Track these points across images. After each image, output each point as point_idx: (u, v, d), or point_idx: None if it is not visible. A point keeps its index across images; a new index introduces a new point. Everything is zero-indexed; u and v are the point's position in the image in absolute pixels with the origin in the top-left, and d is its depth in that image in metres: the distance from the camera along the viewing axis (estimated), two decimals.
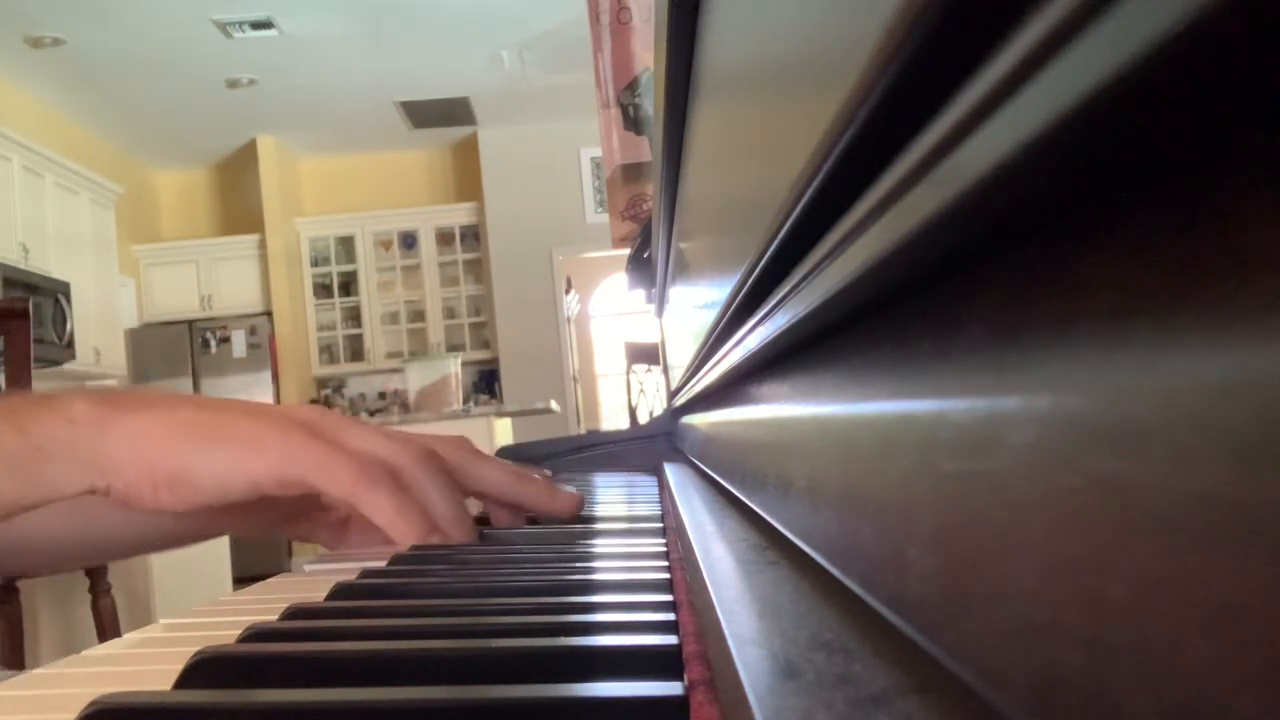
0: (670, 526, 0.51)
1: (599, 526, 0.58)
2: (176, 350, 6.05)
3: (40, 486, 0.46)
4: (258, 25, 4.70)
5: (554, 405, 4.28)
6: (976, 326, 0.15)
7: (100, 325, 5.24)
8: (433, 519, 0.48)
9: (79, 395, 0.47)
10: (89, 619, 2.12)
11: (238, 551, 3.18)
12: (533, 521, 0.60)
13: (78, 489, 0.46)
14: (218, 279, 6.29)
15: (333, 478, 0.46)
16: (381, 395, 6.62)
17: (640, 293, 1.70)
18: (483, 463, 0.58)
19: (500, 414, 4.05)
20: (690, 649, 0.24)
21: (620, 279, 5.63)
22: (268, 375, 6.13)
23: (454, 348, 6.34)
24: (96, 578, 2.09)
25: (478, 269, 6.63)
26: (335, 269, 6.65)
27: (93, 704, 0.22)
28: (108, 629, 2.09)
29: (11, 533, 0.59)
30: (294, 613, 0.32)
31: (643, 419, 4.00)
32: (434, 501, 0.49)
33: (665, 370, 1.54)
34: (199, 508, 0.48)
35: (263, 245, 6.28)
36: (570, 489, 0.59)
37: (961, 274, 0.16)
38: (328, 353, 6.69)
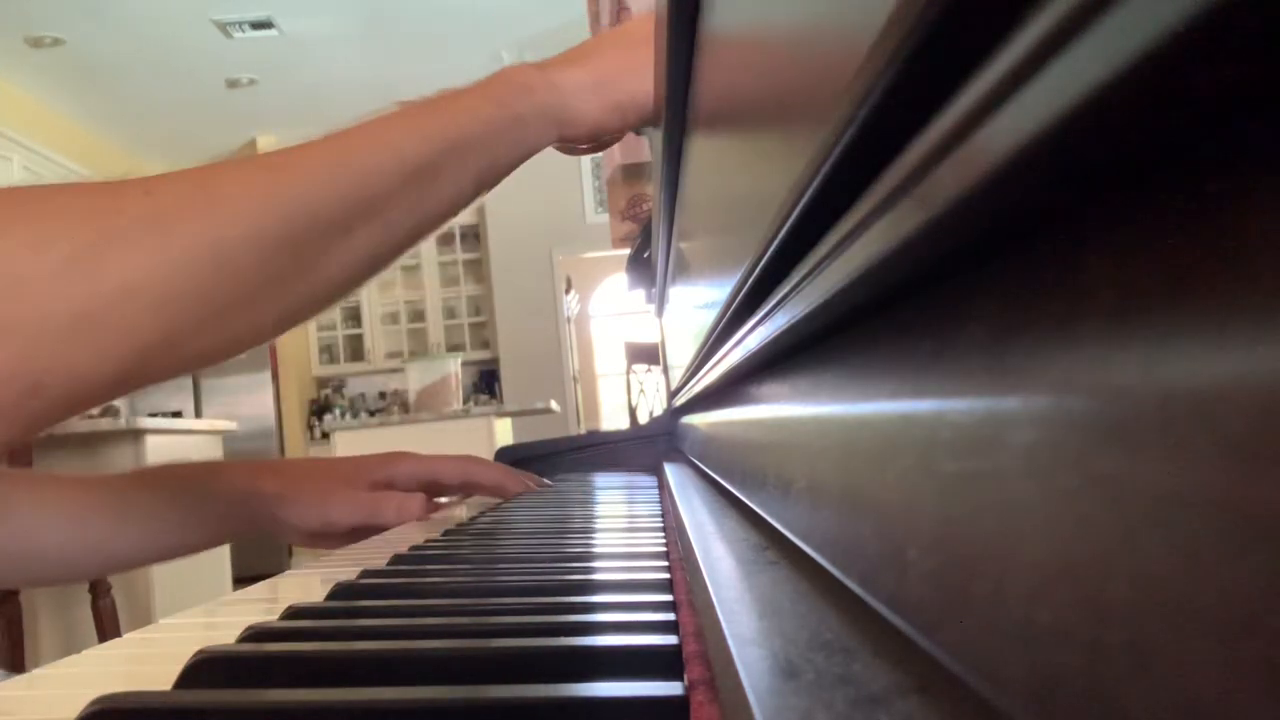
0: (670, 526, 0.51)
1: (599, 526, 0.58)
2: None
3: (524, 146, 0.57)
4: (258, 25, 4.70)
5: (554, 405, 4.28)
6: (976, 326, 0.15)
7: None
8: None
9: (507, 74, 0.58)
10: (89, 619, 2.12)
11: (238, 551, 3.18)
12: None
13: (549, 142, 0.59)
14: None
15: None
16: (381, 395, 6.62)
17: (640, 293, 1.70)
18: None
19: (500, 414, 4.05)
20: (690, 649, 0.24)
21: (620, 279, 5.63)
22: (268, 375, 6.13)
23: (454, 348, 6.34)
24: (96, 579, 2.09)
25: (478, 269, 6.63)
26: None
27: (93, 704, 0.22)
28: (108, 629, 2.09)
29: (14, 545, 0.60)
30: (294, 613, 0.32)
31: (643, 419, 4.00)
32: None
33: (665, 370, 1.54)
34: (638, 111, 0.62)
35: None
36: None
37: (961, 274, 0.16)
38: (328, 353, 6.69)
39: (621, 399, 5.35)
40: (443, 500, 0.83)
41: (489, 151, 0.55)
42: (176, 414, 5.55)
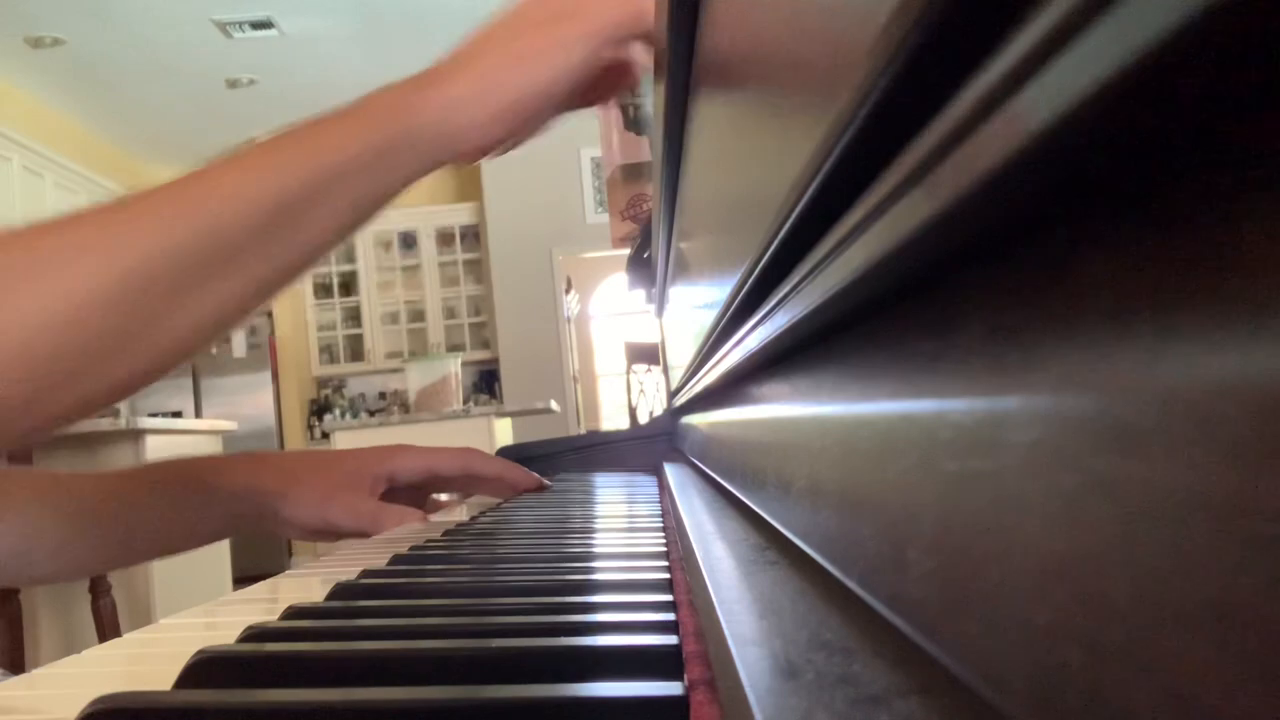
0: (670, 526, 0.51)
1: (599, 526, 0.58)
2: None
3: (408, 171, 0.51)
4: (258, 25, 4.70)
5: (554, 405, 4.28)
6: (976, 326, 0.15)
7: None
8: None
9: (382, 93, 0.52)
10: (89, 619, 2.12)
11: (238, 551, 3.18)
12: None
13: (437, 165, 0.52)
14: None
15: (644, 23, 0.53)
16: (381, 395, 6.62)
17: (640, 293, 1.70)
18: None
19: (500, 414, 4.05)
20: (690, 649, 0.24)
21: (620, 279, 5.63)
22: (268, 375, 6.13)
23: (454, 348, 6.34)
24: (96, 579, 2.09)
25: (478, 269, 6.63)
26: (335, 269, 6.64)
27: (93, 704, 0.22)
28: (108, 629, 2.09)
29: (14, 543, 0.60)
30: (294, 613, 0.32)
31: (643, 419, 4.00)
32: None
33: (665, 370, 1.54)
34: (543, 119, 0.55)
35: None
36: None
37: (961, 274, 0.16)
38: (328, 353, 6.69)
39: (621, 399, 5.35)
40: (443, 498, 0.83)
41: (359, 184, 0.50)
42: (176, 414, 5.55)
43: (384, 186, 0.50)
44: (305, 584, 0.45)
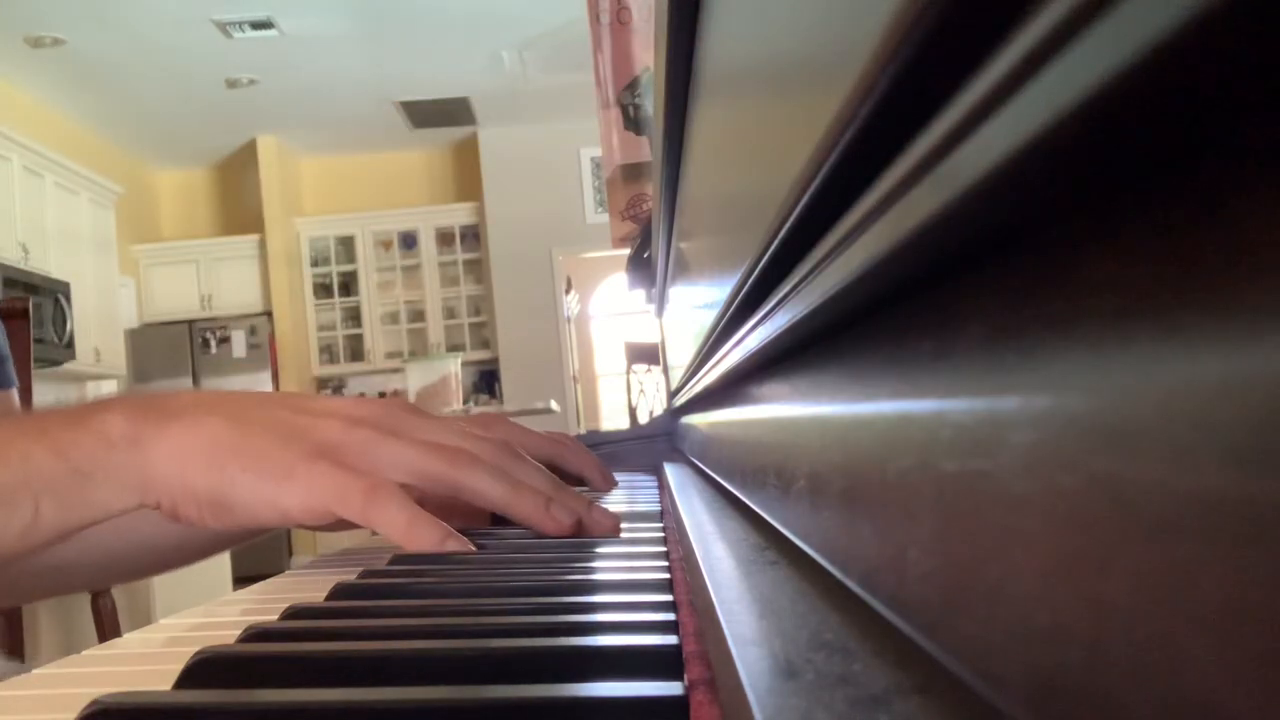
0: (670, 526, 0.51)
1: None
2: (176, 350, 6.06)
3: (87, 508, 0.45)
4: (258, 25, 4.70)
5: (554, 405, 4.28)
6: (976, 326, 0.15)
7: (100, 325, 5.23)
8: (445, 529, 0.48)
9: (112, 408, 0.46)
10: (89, 619, 2.12)
11: (238, 551, 3.18)
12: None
13: (126, 507, 0.46)
14: (218, 279, 6.29)
15: (348, 505, 0.45)
16: (381, 395, 6.62)
17: (640, 293, 1.70)
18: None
19: (500, 414, 4.04)
20: (690, 649, 0.24)
21: (620, 279, 5.63)
22: (268, 375, 6.13)
23: (454, 348, 6.34)
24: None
25: (478, 269, 6.63)
26: (335, 269, 6.65)
27: (93, 704, 0.22)
28: (108, 629, 2.09)
29: (65, 550, 0.59)
30: (294, 613, 0.32)
31: (643, 419, 4.00)
32: (498, 482, 0.49)
33: (665, 370, 1.54)
34: (241, 529, 0.48)
35: (263, 245, 6.28)
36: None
37: (961, 274, 0.16)
38: (328, 353, 6.69)
39: (621, 399, 5.35)
40: None
41: (39, 507, 0.44)
42: None
43: (70, 515, 0.45)
44: (305, 584, 0.45)
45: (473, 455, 0.48)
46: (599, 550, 0.47)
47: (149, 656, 0.33)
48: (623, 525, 0.58)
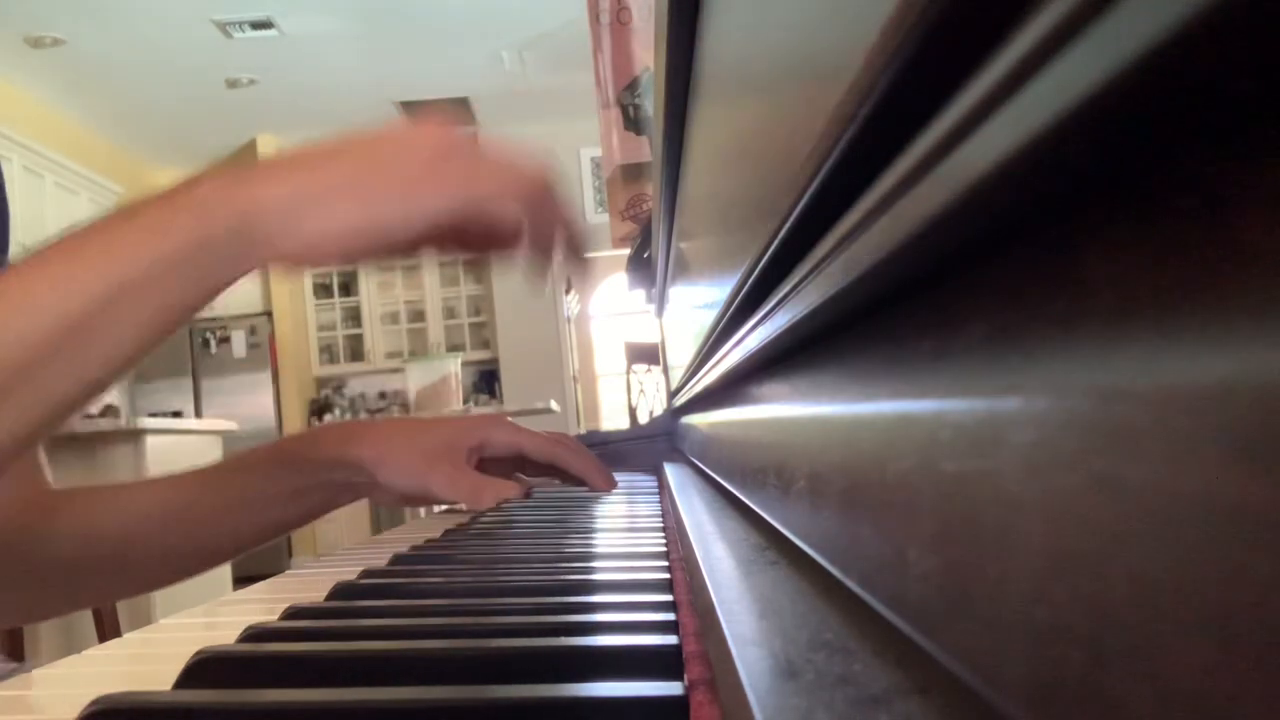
0: (670, 526, 0.51)
1: (599, 526, 0.58)
2: (176, 350, 6.05)
3: (212, 277, 0.45)
4: (258, 25, 4.70)
5: (554, 405, 4.28)
6: (976, 326, 0.15)
7: None
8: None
9: (203, 180, 0.45)
10: (89, 619, 2.12)
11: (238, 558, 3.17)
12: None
13: (245, 270, 0.46)
14: None
15: (485, 192, 0.46)
16: (381, 395, 6.62)
17: (640, 293, 1.70)
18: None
19: (500, 414, 4.04)
20: (690, 649, 0.24)
21: (620, 279, 5.63)
22: (268, 375, 6.13)
23: (454, 348, 6.34)
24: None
25: (478, 269, 6.63)
26: (335, 269, 6.63)
27: (93, 704, 0.22)
28: (108, 629, 2.09)
29: (122, 554, 0.60)
30: (294, 613, 0.32)
31: (643, 419, 4.00)
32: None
33: (665, 370, 1.54)
34: (370, 254, 0.47)
35: None
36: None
37: (961, 274, 0.16)
38: (328, 353, 6.69)
39: (621, 399, 5.35)
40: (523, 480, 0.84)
41: (162, 295, 0.44)
42: (177, 414, 5.55)
43: (192, 294, 0.46)
44: (305, 584, 0.45)
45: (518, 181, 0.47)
46: (599, 550, 0.47)
47: (149, 656, 0.33)
48: (622, 527, 0.58)
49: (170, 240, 0.44)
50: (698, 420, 0.81)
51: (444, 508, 0.98)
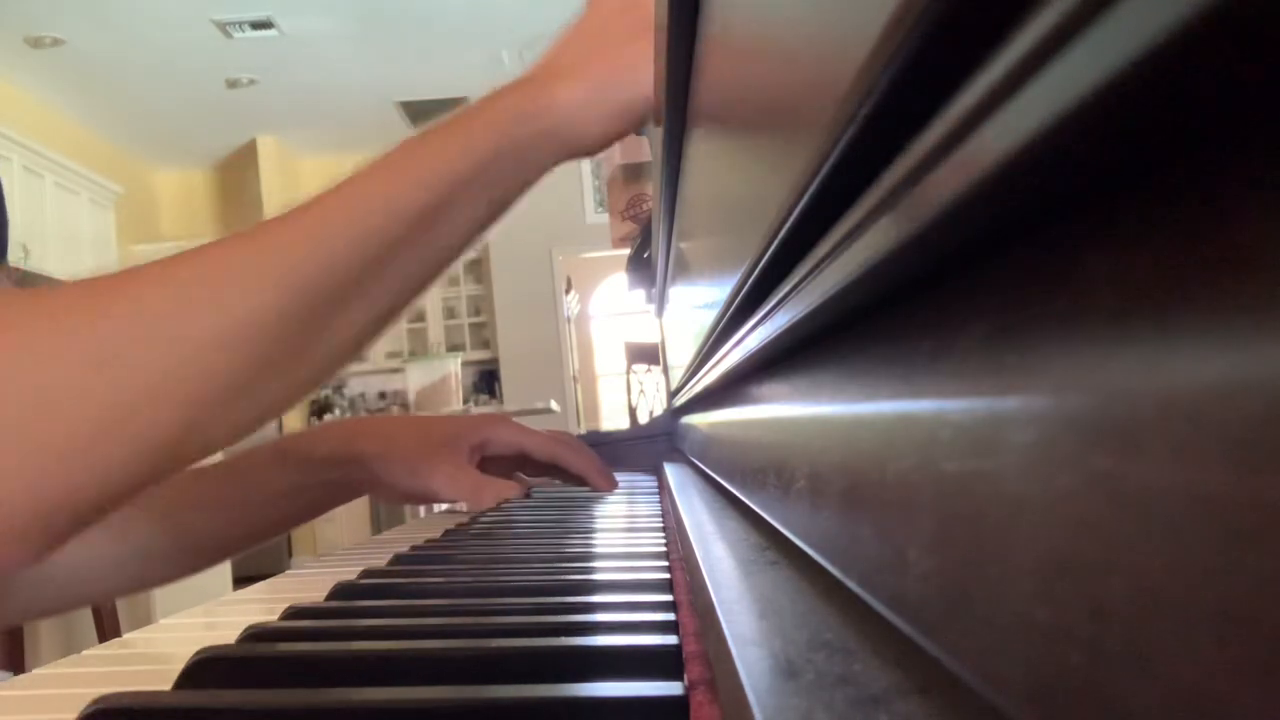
0: (670, 526, 0.51)
1: (599, 526, 0.58)
2: None
3: (530, 171, 0.54)
4: (258, 25, 4.70)
5: (554, 405, 4.28)
6: (976, 326, 0.15)
7: None
8: None
9: (491, 99, 0.54)
10: (89, 619, 2.12)
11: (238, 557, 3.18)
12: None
13: (556, 162, 0.56)
14: None
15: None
16: (381, 395, 6.62)
17: (640, 293, 1.70)
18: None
19: (501, 413, 4.04)
20: (690, 649, 0.24)
21: (620, 279, 5.63)
22: None
23: (454, 347, 6.34)
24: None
25: (478, 269, 6.63)
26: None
27: (93, 704, 0.22)
28: (108, 629, 2.09)
29: (115, 554, 0.60)
30: (294, 613, 0.32)
31: (643, 419, 4.00)
32: None
33: (665, 370, 1.54)
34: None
35: None
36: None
37: (961, 274, 0.16)
38: None
39: (621, 399, 5.35)
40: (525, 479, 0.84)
41: (491, 186, 0.53)
42: None
43: (515, 185, 0.54)
44: (305, 584, 0.45)
45: None
46: (599, 550, 0.47)
47: (149, 656, 0.33)
48: (622, 527, 0.58)
49: (499, 141, 0.52)
50: (698, 420, 0.81)
51: (444, 507, 0.98)
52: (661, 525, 0.55)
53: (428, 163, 0.51)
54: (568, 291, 6.32)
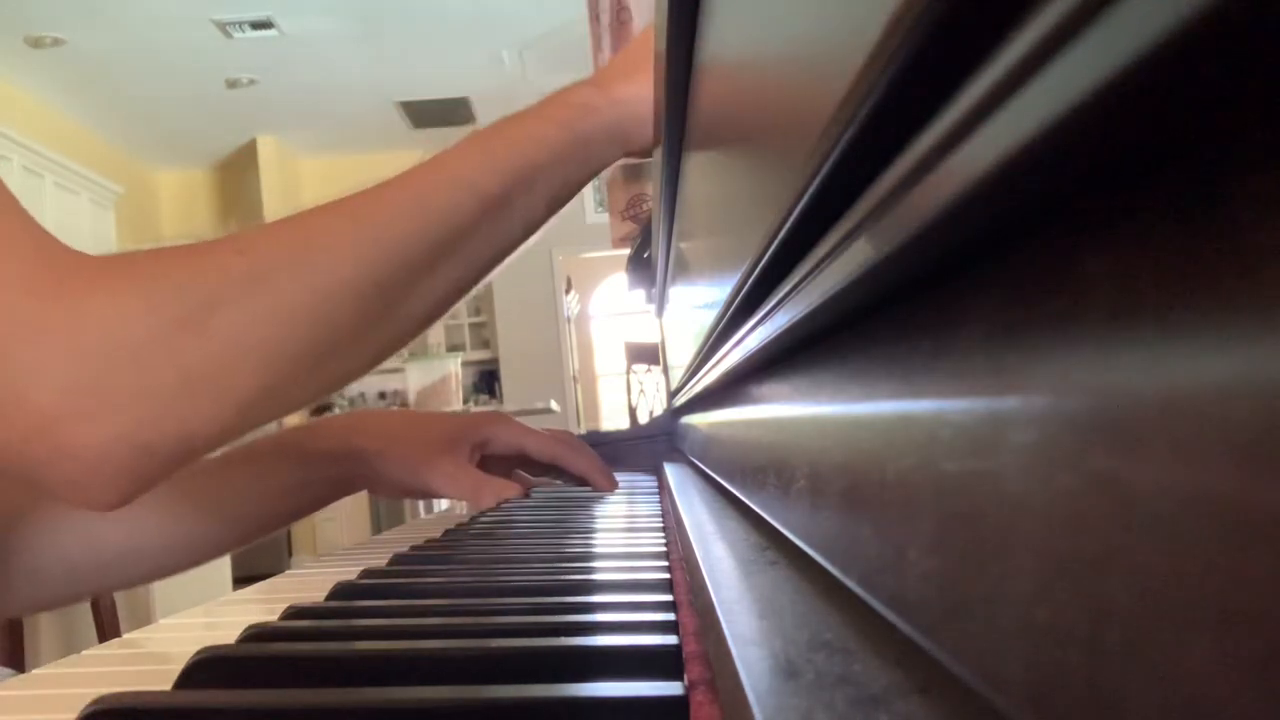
0: (670, 526, 0.51)
1: (599, 526, 0.58)
2: None
3: (596, 162, 0.58)
4: (258, 25, 4.70)
5: (554, 405, 4.28)
6: (976, 326, 0.15)
7: None
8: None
9: (577, 92, 0.58)
10: (89, 619, 2.12)
11: (238, 551, 3.18)
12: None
13: (615, 158, 0.59)
14: None
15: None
16: (381, 395, 6.61)
17: (640, 293, 1.70)
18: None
19: (502, 412, 4.03)
20: (690, 649, 0.24)
21: (620, 279, 5.63)
22: None
23: (454, 348, 6.34)
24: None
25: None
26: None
27: (93, 704, 0.22)
28: (108, 629, 2.08)
29: (130, 539, 0.60)
30: (294, 613, 0.32)
31: (643, 419, 4.00)
32: None
33: (665, 370, 1.54)
34: None
35: None
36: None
37: (961, 274, 0.16)
38: None
39: (621, 399, 5.35)
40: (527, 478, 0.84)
41: (558, 176, 0.56)
42: None
43: (577, 177, 0.57)
44: (305, 584, 0.45)
45: None
46: (599, 550, 0.47)
47: (149, 656, 0.33)
48: (622, 527, 0.58)
49: (565, 133, 0.55)
50: (698, 420, 0.81)
51: (445, 505, 0.98)
52: (661, 525, 0.55)
53: (504, 150, 0.53)
54: (568, 291, 6.32)
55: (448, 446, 0.72)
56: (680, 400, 1.03)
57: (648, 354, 4.19)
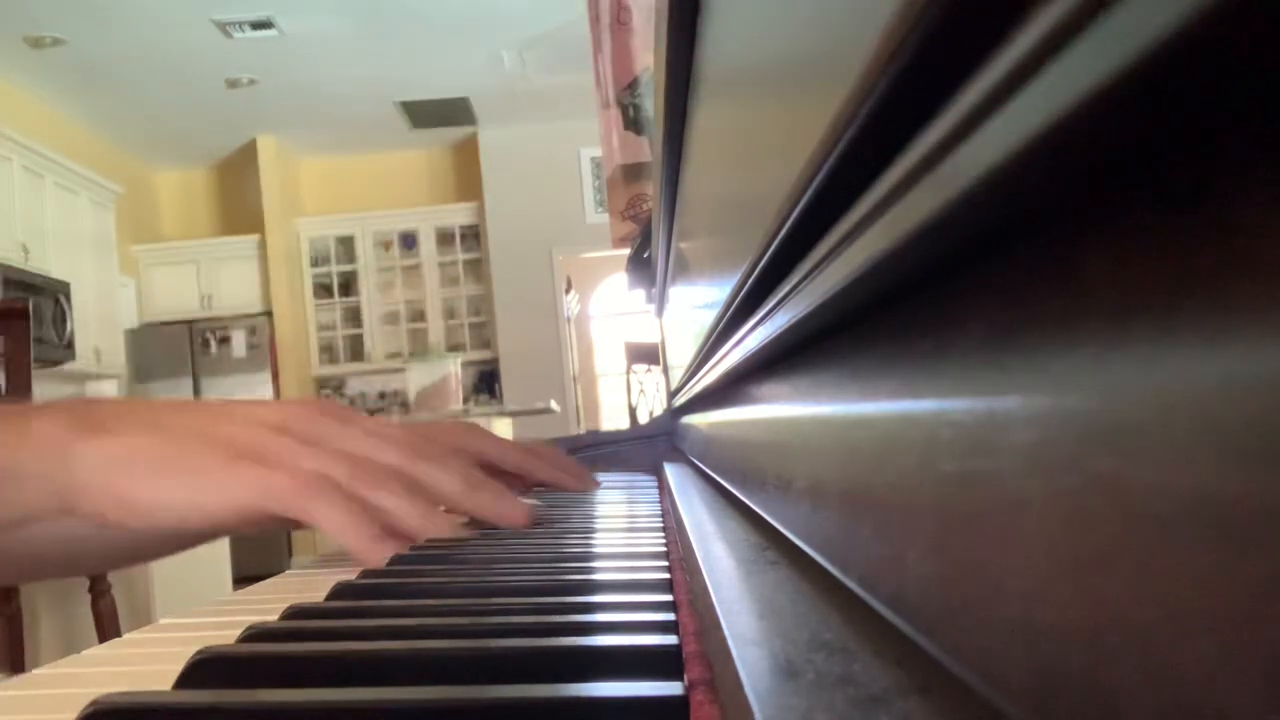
0: (670, 526, 0.51)
1: (599, 526, 0.58)
2: (176, 350, 6.05)
3: (12, 507, 0.46)
4: (258, 25, 4.70)
5: (554, 405, 4.28)
6: (976, 326, 0.15)
7: (100, 325, 5.23)
8: (390, 524, 0.48)
9: (46, 414, 0.47)
10: (89, 619, 2.12)
11: (238, 551, 3.18)
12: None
13: (46, 510, 0.47)
14: (218, 279, 6.29)
15: (279, 500, 0.46)
16: (381, 395, 6.62)
17: (640, 293, 1.70)
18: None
19: (500, 414, 4.05)
20: (690, 649, 0.24)
21: (620, 279, 5.63)
22: (268, 375, 6.13)
23: (454, 348, 6.34)
24: (96, 578, 2.08)
25: (478, 269, 6.63)
26: (335, 269, 6.64)
27: (93, 704, 0.22)
28: (108, 629, 2.08)
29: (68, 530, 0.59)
30: (294, 613, 0.32)
31: (643, 419, 4.00)
32: (406, 503, 0.50)
33: (665, 370, 1.54)
34: (173, 534, 0.50)
35: (263, 245, 6.28)
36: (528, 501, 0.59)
37: (961, 274, 0.16)
38: (328, 353, 6.69)
39: (621, 399, 5.35)
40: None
41: None
42: None
43: (3, 510, 0.46)
44: (305, 584, 0.45)
45: (314, 491, 0.47)
46: (599, 550, 0.47)
47: (149, 656, 0.33)
48: (622, 527, 0.58)
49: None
50: (698, 420, 0.81)
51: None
52: (661, 525, 0.55)
53: None
54: (568, 291, 6.32)
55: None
56: (680, 400, 1.04)
57: (648, 354, 4.20)
